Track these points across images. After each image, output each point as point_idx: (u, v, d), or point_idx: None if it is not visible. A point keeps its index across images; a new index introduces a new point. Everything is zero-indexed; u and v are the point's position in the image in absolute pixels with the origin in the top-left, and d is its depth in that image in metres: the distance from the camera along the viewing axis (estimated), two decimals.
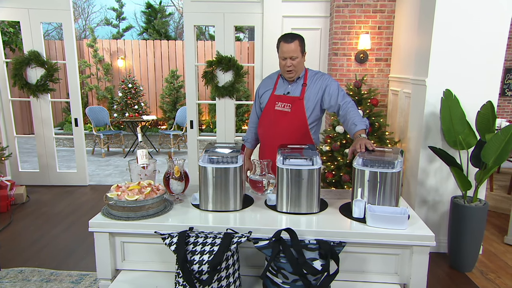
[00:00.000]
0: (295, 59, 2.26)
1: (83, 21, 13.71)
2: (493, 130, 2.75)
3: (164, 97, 8.28)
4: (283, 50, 2.26)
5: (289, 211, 1.83)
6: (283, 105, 2.37)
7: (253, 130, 2.60)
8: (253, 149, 2.66)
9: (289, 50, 2.24)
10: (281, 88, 2.42)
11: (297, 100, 2.34)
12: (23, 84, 4.61)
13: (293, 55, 2.25)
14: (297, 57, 2.26)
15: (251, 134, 2.61)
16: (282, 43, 2.27)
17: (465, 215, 2.82)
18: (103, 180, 5.45)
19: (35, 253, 3.16)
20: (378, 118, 3.66)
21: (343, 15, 3.93)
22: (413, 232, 1.62)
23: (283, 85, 2.42)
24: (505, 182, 5.05)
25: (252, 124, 2.60)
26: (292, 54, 2.24)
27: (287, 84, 2.41)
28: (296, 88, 2.37)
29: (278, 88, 2.43)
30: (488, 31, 2.87)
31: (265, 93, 2.48)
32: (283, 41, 2.27)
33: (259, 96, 2.53)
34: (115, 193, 1.76)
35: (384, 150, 1.93)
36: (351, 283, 1.69)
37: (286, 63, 2.28)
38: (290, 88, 2.39)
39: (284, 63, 2.29)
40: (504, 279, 2.80)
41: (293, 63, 2.27)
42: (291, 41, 2.24)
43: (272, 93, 2.43)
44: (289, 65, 2.28)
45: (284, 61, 2.29)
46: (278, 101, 2.39)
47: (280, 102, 2.38)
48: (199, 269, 1.46)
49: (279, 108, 2.38)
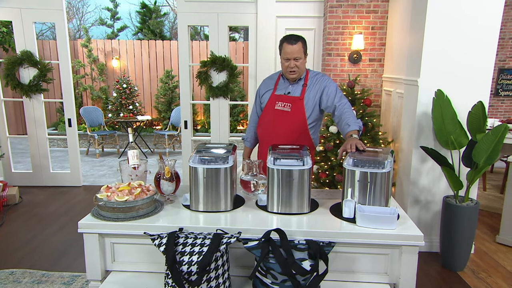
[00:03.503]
0: (299, 60, 2.28)
1: (78, 21, 13.63)
2: (484, 130, 2.77)
3: (159, 97, 8.25)
4: (287, 52, 2.27)
5: (280, 211, 1.83)
6: (283, 104, 2.39)
7: (253, 130, 2.63)
8: (252, 148, 2.69)
9: (293, 51, 2.26)
10: (282, 88, 2.44)
11: (297, 100, 2.36)
12: (15, 84, 4.58)
13: (297, 56, 2.27)
14: (301, 58, 2.29)
15: (251, 133, 2.64)
16: (285, 44, 2.27)
17: (456, 215, 2.84)
18: (97, 180, 5.43)
19: (27, 254, 3.14)
20: (372, 118, 3.68)
21: (337, 15, 3.94)
22: (402, 232, 1.63)
23: (284, 85, 2.44)
24: (498, 181, 5.08)
25: (252, 123, 2.63)
26: (296, 55, 2.26)
27: (288, 84, 2.42)
28: (297, 88, 2.39)
29: (278, 88, 2.45)
30: (479, 31, 2.89)
31: (266, 93, 2.50)
32: (286, 42, 2.27)
33: (259, 96, 2.55)
34: (105, 194, 1.75)
35: (375, 150, 1.93)
36: (341, 283, 1.69)
37: (290, 64, 2.29)
38: (291, 88, 2.41)
39: (287, 64, 2.30)
40: (495, 278, 2.82)
41: (296, 64, 2.29)
42: (295, 43, 2.25)
43: (273, 93, 2.45)
44: (293, 66, 2.29)
45: (287, 62, 2.30)
46: (279, 101, 2.41)
47: (281, 102, 2.40)
48: (188, 270, 1.46)
49: (279, 108, 2.40)
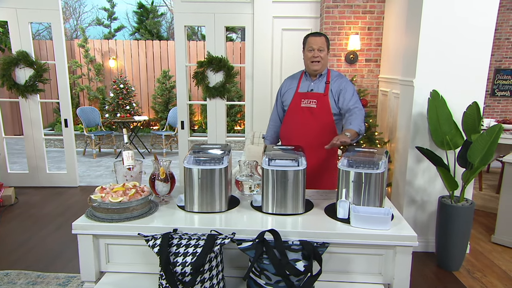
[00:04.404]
0: (322, 51, 2.38)
1: (74, 21, 13.59)
2: (479, 130, 2.78)
3: (156, 97, 8.24)
4: (311, 42, 2.39)
5: (274, 212, 1.83)
6: (309, 101, 2.45)
7: (272, 128, 2.69)
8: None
9: (316, 42, 2.37)
10: (304, 85, 2.50)
11: (322, 96, 2.43)
12: (11, 84, 4.56)
13: (321, 47, 2.37)
14: (324, 50, 2.39)
15: (271, 132, 2.71)
16: (310, 37, 2.40)
17: (452, 215, 2.85)
18: (94, 181, 5.41)
19: (23, 255, 3.13)
20: (368, 119, 3.68)
21: (333, 16, 3.94)
22: (396, 233, 1.63)
23: (306, 83, 2.50)
24: (494, 181, 5.10)
25: (272, 122, 2.69)
26: (320, 45, 2.37)
27: (310, 81, 2.49)
28: (319, 85, 2.46)
29: (301, 85, 2.51)
30: (474, 32, 2.90)
31: (287, 91, 2.56)
32: (311, 36, 2.41)
33: (281, 95, 2.60)
34: (99, 195, 1.75)
35: (369, 151, 1.94)
36: (336, 283, 1.69)
37: (314, 54, 2.38)
38: (313, 85, 2.47)
39: (311, 54, 2.40)
40: (490, 278, 2.83)
41: (320, 55, 2.38)
42: (318, 36, 2.39)
43: (296, 91, 2.51)
44: (316, 56, 2.38)
45: (311, 52, 2.39)
46: (304, 98, 2.47)
47: (306, 100, 2.46)
48: (182, 271, 1.46)
49: (305, 105, 2.46)
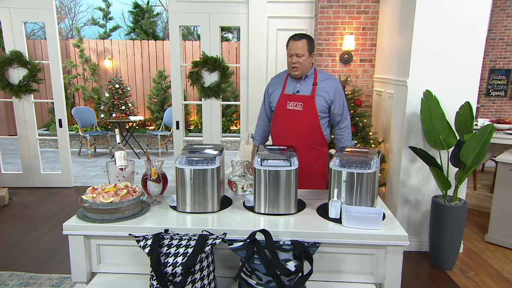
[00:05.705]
0: (301, 57, 2.36)
1: (70, 21, 13.53)
2: (472, 130, 2.79)
3: (151, 97, 8.22)
4: (290, 47, 2.37)
5: (266, 212, 1.83)
6: (295, 104, 2.44)
7: (261, 128, 2.68)
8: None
9: (296, 47, 2.34)
10: (290, 86, 2.49)
11: (308, 99, 2.42)
12: (4, 84, 4.54)
13: (299, 53, 2.35)
14: (303, 55, 2.36)
15: (259, 131, 2.69)
16: (290, 41, 2.38)
17: (445, 214, 2.86)
18: (89, 181, 5.39)
19: (16, 256, 3.11)
20: (362, 119, 3.69)
21: (328, 16, 3.95)
22: (387, 232, 1.64)
23: (292, 84, 2.49)
24: (488, 181, 5.13)
25: (260, 122, 2.68)
26: (298, 51, 2.34)
27: (296, 82, 2.47)
28: (306, 87, 2.45)
29: (287, 87, 2.50)
30: (466, 33, 2.91)
31: (274, 91, 2.54)
32: (291, 39, 2.38)
33: (268, 95, 2.59)
34: (90, 196, 1.74)
35: (361, 150, 1.94)
36: (327, 283, 1.69)
37: (292, 60, 2.37)
38: (299, 87, 2.46)
39: (290, 60, 2.39)
40: (483, 277, 2.85)
41: (298, 61, 2.36)
42: (298, 39, 2.35)
43: (282, 92, 2.50)
44: (295, 62, 2.37)
45: (290, 58, 2.38)
46: (290, 101, 2.45)
47: (292, 102, 2.45)
48: (172, 272, 1.45)
49: (291, 108, 2.45)
